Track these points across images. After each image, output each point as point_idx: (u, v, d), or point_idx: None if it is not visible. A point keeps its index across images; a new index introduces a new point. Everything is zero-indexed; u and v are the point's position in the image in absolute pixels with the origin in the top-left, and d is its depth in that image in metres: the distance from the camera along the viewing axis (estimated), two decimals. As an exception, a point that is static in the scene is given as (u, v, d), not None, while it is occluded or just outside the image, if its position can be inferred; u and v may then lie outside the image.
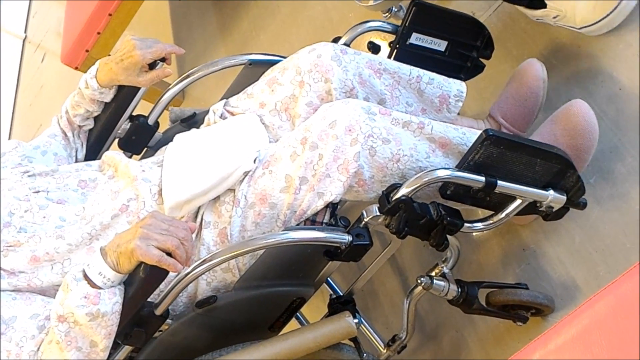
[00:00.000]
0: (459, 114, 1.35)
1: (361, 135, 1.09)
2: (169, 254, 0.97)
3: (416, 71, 1.26)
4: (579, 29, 1.34)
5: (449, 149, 1.15)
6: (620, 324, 0.75)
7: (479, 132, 1.15)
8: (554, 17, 1.34)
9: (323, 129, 1.11)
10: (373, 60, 1.25)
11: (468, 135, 1.16)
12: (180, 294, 1.17)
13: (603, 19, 1.30)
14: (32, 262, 1.11)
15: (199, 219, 1.19)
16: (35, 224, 1.14)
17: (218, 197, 1.18)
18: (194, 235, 1.16)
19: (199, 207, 1.19)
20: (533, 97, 1.32)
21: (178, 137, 1.30)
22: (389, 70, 1.25)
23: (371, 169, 1.11)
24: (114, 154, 1.30)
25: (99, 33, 2.40)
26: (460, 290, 1.22)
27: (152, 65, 1.30)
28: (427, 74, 1.27)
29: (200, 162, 1.20)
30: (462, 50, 1.39)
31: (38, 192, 1.19)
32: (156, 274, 1.00)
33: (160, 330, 1.13)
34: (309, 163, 1.11)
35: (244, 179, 1.15)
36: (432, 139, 1.14)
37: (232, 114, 1.33)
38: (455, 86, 1.29)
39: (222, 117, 1.34)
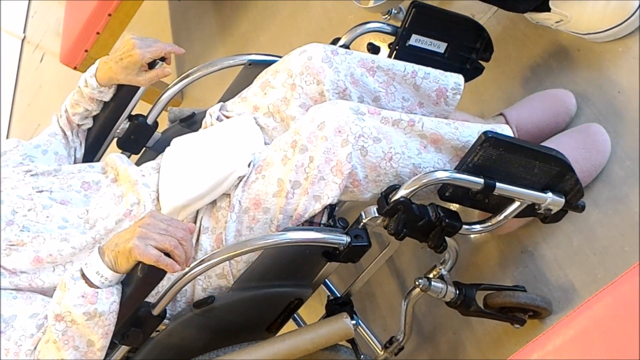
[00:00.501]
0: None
1: (351, 135, 1.09)
2: (168, 254, 0.97)
3: (411, 67, 1.26)
4: (584, 34, 1.33)
5: (441, 144, 1.15)
6: (619, 325, 0.75)
7: (472, 125, 1.16)
8: (557, 22, 1.34)
9: (312, 131, 1.11)
10: (365, 59, 1.25)
11: (461, 130, 1.15)
12: (179, 299, 1.17)
13: (612, 28, 1.29)
14: (34, 263, 1.11)
15: (197, 224, 1.18)
16: (39, 223, 1.14)
17: (215, 203, 1.18)
18: (193, 238, 1.16)
19: (198, 212, 1.19)
20: (554, 126, 1.34)
21: (175, 142, 1.30)
22: (383, 67, 1.25)
23: (364, 169, 1.11)
24: (115, 157, 1.30)
25: (98, 33, 2.40)
26: (458, 292, 1.22)
27: (151, 65, 1.29)
28: (422, 69, 1.26)
29: (196, 167, 1.21)
30: (462, 52, 1.39)
31: (41, 191, 1.19)
32: (154, 274, 0.99)
33: (158, 331, 1.13)
34: (300, 166, 1.10)
35: (238, 183, 1.15)
36: (423, 135, 1.14)
37: (227, 118, 1.33)
38: (453, 79, 1.28)
39: (218, 119, 1.34)
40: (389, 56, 1.38)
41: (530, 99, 1.37)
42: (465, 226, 1.13)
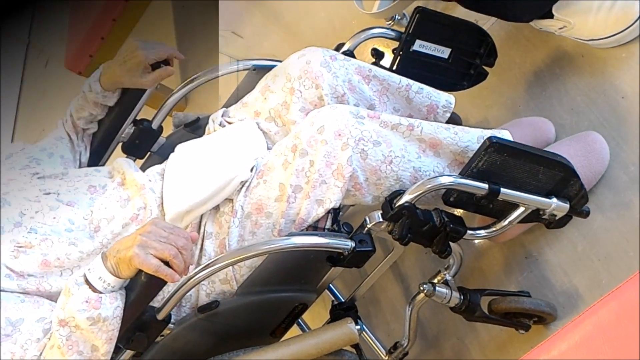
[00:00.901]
0: (461, 122, 1.35)
1: (351, 139, 1.09)
2: (168, 263, 0.97)
3: (406, 80, 1.27)
4: (587, 40, 1.34)
5: (440, 149, 1.15)
6: (624, 331, 0.75)
7: (471, 131, 1.16)
8: (560, 28, 1.34)
9: (312, 134, 1.11)
10: (363, 66, 1.25)
11: (460, 134, 1.16)
12: (183, 304, 1.18)
13: (615, 34, 1.29)
14: (42, 266, 1.11)
15: (201, 230, 1.19)
16: (45, 225, 1.14)
17: (219, 208, 1.19)
18: (197, 244, 1.16)
19: (202, 218, 1.20)
20: None
21: (179, 148, 1.30)
22: (378, 77, 1.25)
23: (365, 172, 1.11)
24: (122, 161, 1.30)
25: (103, 38, 2.41)
26: (462, 297, 1.22)
27: (154, 68, 1.30)
28: (416, 84, 1.28)
29: (198, 172, 1.21)
30: (466, 57, 1.39)
31: (49, 193, 1.19)
32: (155, 282, 1.00)
33: (162, 335, 1.13)
34: (300, 170, 1.11)
35: (241, 189, 1.16)
36: (422, 139, 1.14)
37: (229, 124, 1.34)
38: (444, 97, 1.29)
39: (221, 125, 1.34)
40: (393, 61, 1.39)
41: (510, 126, 1.37)
42: (469, 231, 1.13)
